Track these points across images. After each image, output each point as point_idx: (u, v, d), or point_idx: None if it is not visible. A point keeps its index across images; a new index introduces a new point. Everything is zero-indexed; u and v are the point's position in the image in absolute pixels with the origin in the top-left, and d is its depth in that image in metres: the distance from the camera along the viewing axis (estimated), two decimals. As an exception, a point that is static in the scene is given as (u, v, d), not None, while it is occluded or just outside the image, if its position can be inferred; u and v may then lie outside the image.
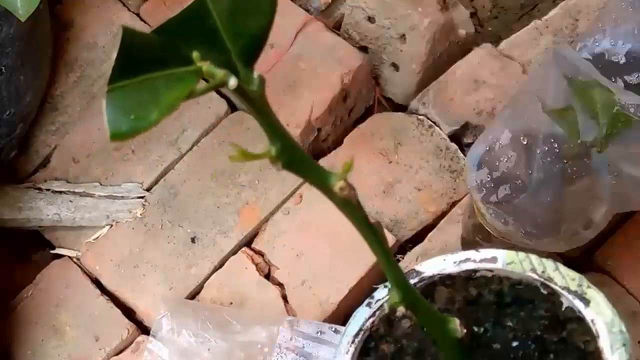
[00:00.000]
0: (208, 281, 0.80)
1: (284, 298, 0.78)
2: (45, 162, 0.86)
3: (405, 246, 0.81)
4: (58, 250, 0.83)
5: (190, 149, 0.85)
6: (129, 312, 0.80)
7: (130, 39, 0.23)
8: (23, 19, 0.68)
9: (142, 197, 0.83)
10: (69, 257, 0.82)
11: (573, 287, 0.39)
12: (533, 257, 0.40)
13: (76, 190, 0.83)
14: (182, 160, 0.85)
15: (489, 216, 0.68)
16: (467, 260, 0.42)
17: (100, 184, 0.84)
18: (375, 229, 0.33)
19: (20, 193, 0.83)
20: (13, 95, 0.81)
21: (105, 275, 0.81)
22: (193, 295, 0.80)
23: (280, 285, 0.79)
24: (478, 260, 0.42)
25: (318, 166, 0.30)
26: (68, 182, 0.84)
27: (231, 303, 0.78)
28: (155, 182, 0.84)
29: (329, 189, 0.30)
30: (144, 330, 0.79)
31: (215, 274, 0.80)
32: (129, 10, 0.93)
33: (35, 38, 0.84)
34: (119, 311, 0.79)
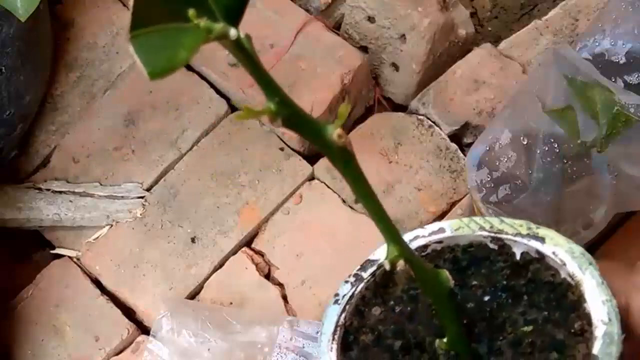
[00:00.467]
0: (208, 281, 0.80)
1: (284, 298, 0.78)
2: (45, 162, 0.86)
3: (405, 246, 0.81)
4: (58, 250, 0.83)
5: (190, 149, 0.85)
6: (129, 312, 0.80)
7: None
8: (23, 19, 0.68)
9: (142, 197, 0.83)
10: (69, 257, 0.82)
11: (524, 231, 0.40)
12: (477, 218, 0.41)
13: (76, 190, 0.83)
14: (182, 160, 0.85)
15: (489, 216, 0.68)
16: (417, 237, 0.43)
17: (100, 184, 0.84)
18: (369, 184, 0.34)
19: (20, 193, 0.83)
20: (13, 95, 0.81)
21: (105, 275, 0.81)
22: (193, 295, 0.80)
23: (280, 285, 0.79)
24: (427, 234, 0.43)
25: (314, 119, 0.31)
26: (68, 182, 0.84)
27: (231, 303, 0.78)
28: (155, 182, 0.84)
29: (326, 139, 0.31)
30: (144, 330, 0.79)
31: (215, 274, 0.80)
32: (129, 10, 0.93)
33: (35, 38, 0.84)
34: (119, 311, 0.79)
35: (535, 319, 0.39)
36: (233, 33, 0.27)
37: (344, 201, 0.82)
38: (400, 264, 0.36)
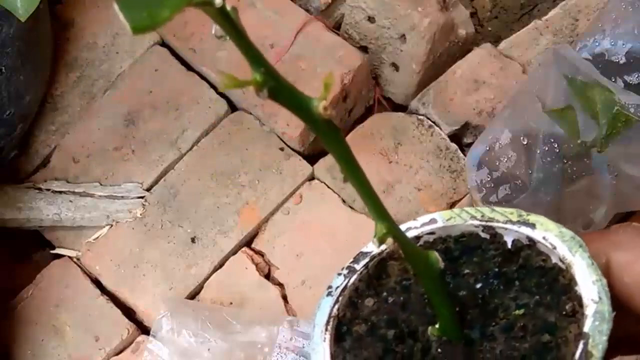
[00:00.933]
0: (208, 281, 0.80)
1: (284, 298, 0.78)
2: (45, 162, 0.86)
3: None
4: (58, 250, 0.83)
5: (190, 149, 0.85)
6: (129, 312, 0.80)
7: None
8: (23, 19, 0.68)
9: (142, 197, 0.83)
10: (69, 257, 0.82)
11: (514, 218, 0.41)
12: (468, 208, 0.42)
13: (76, 190, 0.83)
14: (182, 160, 0.85)
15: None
16: (409, 229, 0.43)
17: (100, 184, 0.84)
18: (355, 159, 0.34)
19: (20, 193, 0.83)
20: (13, 95, 0.81)
21: (105, 275, 0.81)
22: (193, 295, 0.80)
23: (280, 285, 0.79)
24: (419, 225, 0.43)
25: (299, 91, 0.31)
26: (68, 182, 0.84)
27: (231, 303, 0.78)
28: (155, 182, 0.84)
29: (311, 112, 0.31)
30: (144, 330, 0.79)
31: (215, 274, 0.80)
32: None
33: (35, 38, 0.84)
34: (119, 311, 0.79)
35: (527, 303, 0.39)
36: (218, 1, 0.27)
37: (344, 201, 0.82)
38: (389, 242, 0.36)
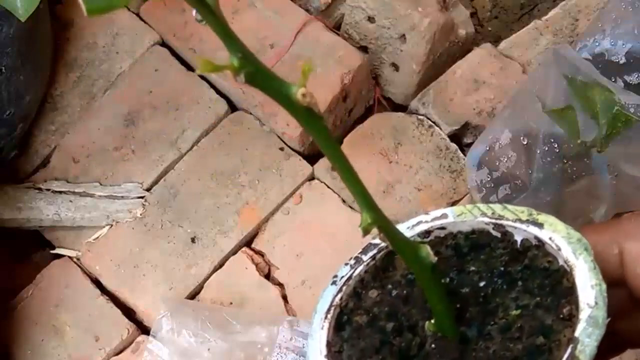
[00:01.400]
0: (208, 281, 0.80)
1: (284, 298, 0.78)
2: (45, 162, 0.86)
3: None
4: (58, 250, 0.83)
5: (190, 149, 0.85)
6: (129, 312, 0.80)
7: None
8: (23, 19, 0.68)
9: (142, 197, 0.83)
10: (69, 257, 0.82)
11: (524, 217, 0.40)
12: (480, 205, 0.42)
13: (76, 190, 0.83)
14: (182, 160, 0.85)
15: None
16: (419, 223, 0.43)
17: (100, 184, 0.84)
18: (337, 143, 0.34)
19: (20, 193, 0.83)
20: (13, 95, 0.81)
21: (105, 275, 0.81)
22: (193, 295, 0.80)
23: (280, 285, 0.79)
24: (430, 220, 0.43)
25: (278, 77, 0.30)
26: (68, 182, 0.84)
27: (231, 303, 0.78)
28: (155, 182, 0.84)
29: (290, 99, 0.30)
30: (144, 330, 0.79)
31: (215, 274, 0.80)
32: (129, 10, 0.93)
33: (35, 38, 0.84)
34: (119, 311, 0.79)
35: (527, 304, 0.39)
36: None
37: (344, 201, 0.82)
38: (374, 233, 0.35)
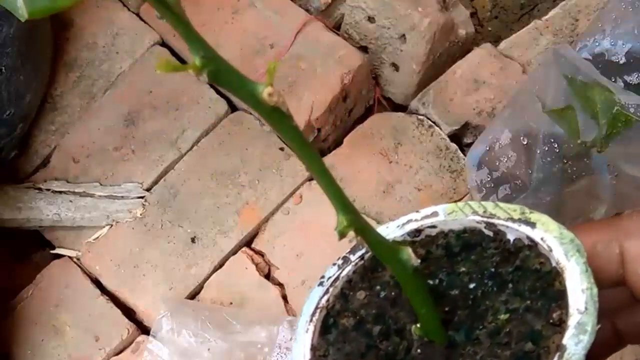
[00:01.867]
0: (208, 281, 0.80)
1: (284, 298, 0.78)
2: (45, 162, 0.86)
3: (405, 246, 0.81)
4: (58, 250, 0.83)
5: (190, 149, 0.85)
6: (129, 312, 0.80)
7: None
8: (23, 19, 0.68)
9: (142, 197, 0.83)
10: (69, 257, 0.82)
11: (516, 216, 0.39)
12: (472, 203, 0.40)
13: (76, 190, 0.83)
14: (182, 160, 0.85)
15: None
16: (410, 221, 0.41)
17: (100, 184, 0.84)
18: (309, 143, 0.32)
19: (20, 193, 0.83)
20: (13, 95, 0.81)
21: (105, 275, 0.81)
22: (193, 295, 0.80)
23: (280, 285, 0.79)
24: (420, 218, 0.41)
25: (243, 76, 0.29)
26: (68, 182, 0.84)
27: (231, 303, 0.78)
28: (155, 182, 0.84)
29: (257, 98, 0.29)
30: (144, 330, 0.79)
31: (215, 274, 0.80)
32: (129, 10, 0.93)
33: (35, 38, 0.84)
34: (119, 311, 0.79)
35: (517, 308, 0.37)
36: None
37: (344, 201, 0.82)
38: (352, 236, 0.34)
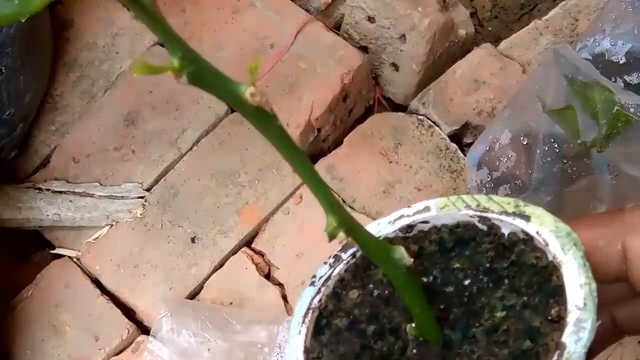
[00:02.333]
0: (208, 281, 0.80)
1: (284, 298, 0.78)
2: (45, 162, 0.86)
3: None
4: (58, 250, 0.83)
5: (190, 149, 0.85)
6: (129, 312, 0.80)
7: None
8: (23, 19, 0.68)
9: (142, 197, 0.83)
10: (69, 257, 0.82)
11: (510, 209, 0.38)
12: (465, 196, 0.39)
13: (76, 190, 0.83)
14: (182, 160, 0.85)
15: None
16: (401, 217, 0.40)
17: (100, 184, 0.84)
18: (295, 143, 0.32)
19: (20, 193, 0.83)
20: (13, 95, 0.81)
21: (105, 275, 0.81)
22: (193, 295, 0.80)
23: (280, 285, 0.79)
24: (412, 213, 0.40)
25: (224, 76, 0.28)
26: (68, 182, 0.84)
27: (231, 303, 0.78)
28: (155, 182, 0.84)
29: (239, 99, 0.29)
30: (144, 330, 0.79)
31: (215, 274, 0.80)
32: (129, 10, 0.93)
33: (35, 38, 0.84)
34: (119, 311, 0.79)
35: (514, 304, 0.36)
36: None
37: (344, 201, 0.82)
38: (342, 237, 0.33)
